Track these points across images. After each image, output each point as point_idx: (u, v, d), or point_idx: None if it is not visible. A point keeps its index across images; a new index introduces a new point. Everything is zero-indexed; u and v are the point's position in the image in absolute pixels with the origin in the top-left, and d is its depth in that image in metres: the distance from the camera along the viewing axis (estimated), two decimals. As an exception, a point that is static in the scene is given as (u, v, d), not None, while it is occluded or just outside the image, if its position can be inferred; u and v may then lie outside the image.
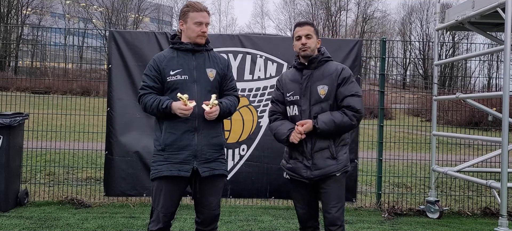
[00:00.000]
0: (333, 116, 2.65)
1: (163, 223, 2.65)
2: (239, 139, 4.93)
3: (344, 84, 2.70)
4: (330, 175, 2.67)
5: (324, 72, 2.74)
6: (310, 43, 2.75)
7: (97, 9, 44.30)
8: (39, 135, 5.42)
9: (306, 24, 2.84)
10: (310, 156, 2.68)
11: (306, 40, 2.74)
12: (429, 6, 42.58)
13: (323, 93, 2.70)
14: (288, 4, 47.21)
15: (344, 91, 2.69)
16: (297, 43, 2.79)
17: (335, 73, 2.72)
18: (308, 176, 2.69)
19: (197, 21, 2.68)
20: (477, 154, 6.00)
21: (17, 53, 26.68)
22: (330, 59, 2.83)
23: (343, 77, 2.71)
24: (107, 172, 4.91)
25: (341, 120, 2.64)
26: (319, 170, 2.67)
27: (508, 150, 4.07)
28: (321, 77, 2.73)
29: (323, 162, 2.67)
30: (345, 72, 2.74)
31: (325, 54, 2.81)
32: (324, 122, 2.62)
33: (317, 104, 2.70)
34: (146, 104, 2.66)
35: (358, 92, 2.72)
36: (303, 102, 2.73)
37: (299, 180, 2.74)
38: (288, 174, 2.82)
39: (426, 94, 8.46)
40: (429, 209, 4.97)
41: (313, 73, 2.75)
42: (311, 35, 2.76)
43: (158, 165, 2.65)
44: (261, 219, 4.61)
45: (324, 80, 2.72)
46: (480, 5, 4.38)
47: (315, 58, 2.76)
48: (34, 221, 4.25)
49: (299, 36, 2.77)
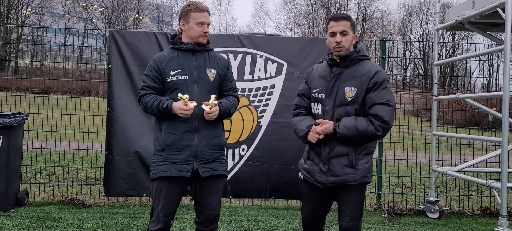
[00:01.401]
0: (357, 122, 2.42)
1: (163, 223, 2.65)
2: (239, 139, 4.92)
3: (375, 90, 2.44)
4: (347, 184, 2.47)
5: (356, 73, 2.49)
6: (345, 42, 2.48)
7: (97, 9, 44.30)
8: (39, 135, 5.42)
9: (342, 18, 2.53)
10: (327, 160, 2.49)
11: (341, 38, 2.47)
12: (429, 6, 42.62)
13: (350, 96, 2.46)
14: (288, 4, 47.26)
15: (374, 97, 2.43)
16: (331, 40, 2.52)
17: (367, 75, 2.45)
18: (322, 181, 2.51)
19: (199, 21, 2.68)
20: (477, 154, 6.00)
21: (17, 53, 26.68)
22: (365, 58, 2.55)
23: (376, 82, 2.44)
24: (107, 172, 4.91)
25: (365, 128, 2.40)
26: (334, 177, 2.47)
27: (508, 150, 4.07)
28: (351, 77, 2.48)
29: (340, 169, 2.46)
30: (379, 76, 2.46)
31: (360, 52, 2.53)
32: (346, 127, 2.41)
33: (342, 106, 2.48)
34: (146, 105, 2.66)
35: (389, 101, 2.44)
36: (327, 102, 2.52)
37: (313, 183, 2.58)
38: (303, 174, 2.66)
39: (426, 94, 8.46)
40: (429, 209, 4.97)
41: (343, 72, 2.51)
42: (347, 31, 2.48)
43: (158, 165, 2.65)
44: (261, 219, 4.61)
45: (354, 82, 2.47)
46: (480, 5, 4.38)
47: (348, 56, 2.51)
48: (34, 221, 4.24)
49: (334, 32, 2.50)
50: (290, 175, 4.78)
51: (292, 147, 4.75)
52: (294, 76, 4.92)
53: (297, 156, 4.52)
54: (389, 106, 2.43)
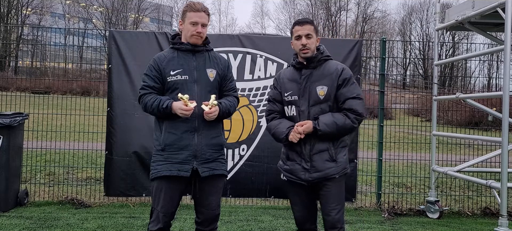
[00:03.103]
0: (335, 117, 2.57)
1: (163, 223, 2.65)
2: (239, 138, 4.93)
3: (345, 86, 2.62)
4: (330, 178, 2.59)
5: (324, 72, 2.65)
6: (311, 44, 2.65)
7: (97, 9, 44.31)
8: (39, 135, 5.42)
9: (306, 23, 2.71)
10: (308, 158, 2.61)
11: (306, 41, 2.64)
12: (429, 6, 42.67)
13: (323, 95, 2.61)
14: (288, 4, 47.33)
15: (346, 93, 2.61)
16: (296, 43, 2.69)
17: (335, 73, 2.63)
18: (306, 178, 2.61)
19: (192, 21, 2.68)
20: (477, 154, 5.99)
21: (17, 53, 26.71)
22: (329, 58, 2.74)
23: (344, 78, 2.62)
24: (107, 172, 4.91)
25: (343, 123, 2.56)
26: (318, 173, 2.59)
27: (508, 150, 4.07)
28: (321, 77, 2.64)
29: (322, 164, 2.59)
30: (346, 73, 2.65)
31: (324, 53, 2.71)
32: (325, 124, 2.54)
33: (316, 105, 2.63)
34: (146, 104, 2.66)
35: (359, 94, 2.64)
36: (301, 103, 2.65)
37: (297, 182, 2.67)
38: (285, 176, 2.75)
39: (426, 94, 8.47)
40: (429, 209, 4.97)
41: (312, 73, 2.66)
42: (311, 35, 2.66)
43: (157, 165, 2.65)
44: (261, 219, 4.61)
45: (324, 81, 2.63)
46: (480, 5, 4.38)
47: (314, 58, 2.67)
48: (34, 221, 4.24)
49: (299, 35, 2.67)
50: (290, 175, 4.78)
51: (292, 147, 4.75)
52: (294, 76, 4.92)
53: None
54: (360, 100, 2.63)
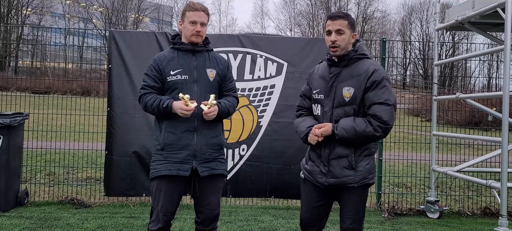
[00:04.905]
0: (356, 123, 2.36)
1: (163, 222, 2.65)
2: (239, 138, 4.92)
3: (373, 89, 2.37)
4: (347, 187, 2.44)
5: (353, 72, 2.43)
6: (341, 41, 2.42)
7: (97, 9, 44.32)
8: (39, 135, 5.42)
9: (339, 17, 2.46)
10: (326, 162, 2.46)
11: (336, 37, 2.42)
12: (429, 6, 42.66)
13: (348, 96, 2.40)
14: (288, 4, 47.28)
15: (372, 97, 2.37)
16: (327, 38, 2.48)
17: (365, 74, 2.39)
18: (323, 182, 2.49)
19: (191, 20, 2.68)
20: (477, 154, 5.99)
21: (17, 53, 26.72)
22: (364, 56, 2.48)
23: (374, 81, 2.37)
24: (107, 172, 4.91)
25: (364, 130, 2.34)
26: (334, 179, 2.44)
27: (508, 150, 4.07)
28: (349, 77, 2.43)
29: (340, 171, 2.42)
30: (377, 75, 2.38)
31: (358, 51, 2.47)
32: (343, 129, 2.36)
33: (340, 107, 2.43)
34: (146, 104, 2.67)
35: (388, 100, 2.36)
36: (326, 102, 2.47)
37: (313, 183, 2.55)
38: (304, 174, 2.63)
39: (426, 94, 8.47)
40: (429, 209, 4.97)
41: (342, 72, 2.46)
42: (343, 30, 2.43)
43: (157, 164, 2.66)
44: (261, 219, 4.61)
45: (351, 81, 2.41)
46: (480, 5, 4.38)
47: (346, 55, 2.45)
48: (34, 221, 4.24)
49: (329, 31, 2.46)
50: (290, 175, 4.78)
51: (292, 147, 4.75)
52: (294, 76, 4.92)
53: (297, 156, 4.55)
54: (388, 106, 2.35)
